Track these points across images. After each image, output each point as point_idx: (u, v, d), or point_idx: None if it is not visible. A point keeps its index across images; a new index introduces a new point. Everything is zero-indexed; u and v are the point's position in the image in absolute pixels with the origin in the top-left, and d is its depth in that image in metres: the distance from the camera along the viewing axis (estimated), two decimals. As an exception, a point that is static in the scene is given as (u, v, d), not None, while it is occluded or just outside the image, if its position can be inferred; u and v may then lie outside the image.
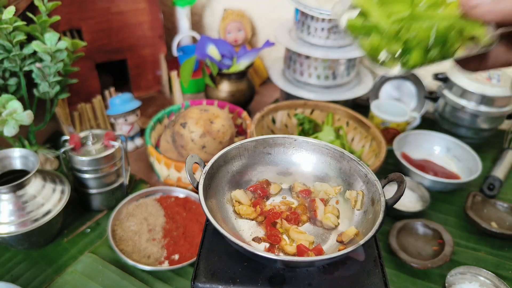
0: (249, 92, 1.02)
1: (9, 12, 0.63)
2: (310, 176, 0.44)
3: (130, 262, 0.62)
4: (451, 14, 0.28)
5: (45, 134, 0.92)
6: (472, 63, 0.29)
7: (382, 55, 0.29)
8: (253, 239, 0.37)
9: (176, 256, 0.65)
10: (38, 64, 0.70)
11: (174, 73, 1.02)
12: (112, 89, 0.95)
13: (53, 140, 0.90)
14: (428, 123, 1.03)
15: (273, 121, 0.89)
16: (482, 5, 0.26)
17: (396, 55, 0.29)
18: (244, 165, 0.43)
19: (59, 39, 0.70)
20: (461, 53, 0.28)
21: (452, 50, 0.28)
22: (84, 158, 0.67)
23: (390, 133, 0.92)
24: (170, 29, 1.25)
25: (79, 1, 0.87)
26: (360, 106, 1.07)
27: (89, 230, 0.72)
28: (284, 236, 0.38)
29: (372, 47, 0.29)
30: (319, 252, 0.36)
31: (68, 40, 0.71)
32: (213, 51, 0.99)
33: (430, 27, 0.27)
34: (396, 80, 1.05)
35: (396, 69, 0.29)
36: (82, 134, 0.71)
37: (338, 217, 0.40)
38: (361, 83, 0.99)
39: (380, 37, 0.29)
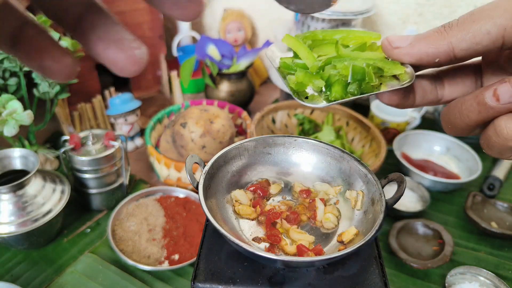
0: (249, 92, 1.02)
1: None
2: (310, 176, 0.44)
3: (130, 262, 0.62)
4: (374, 56, 0.31)
5: (45, 134, 0.92)
6: (394, 100, 0.32)
7: (309, 90, 0.31)
8: (253, 239, 0.37)
9: (176, 256, 0.65)
10: (38, 64, 0.70)
11: (174, 73, 1.02)
12: (112, 89, 0.95)
13: (53, 140, 0.90)
14: (428, 123, 1.03)
15: (273, 121, 0.89)
16: (400, 48, 0.29)
17: (321, 90, 0.31)
18: (244, 165, 0.43)
19: (59, 39, 0.70)
20: (383, 89, 0.31)
21: (371, 86, 0.30)
22: (84, 158, 0.67)
23: (390, 133, 0.93)
24: (170, 29, 1.25)
25: (79, 1, 0.87)
26: (360, 106, 1.07)
27: (89, 230, 0.72)
28: (284, 236, 0.38)
29: (298, 82, 0.31)
30: (319, 252, 0.36)
31: (68, 40, 0.71)
32: (213, 51, 0.99)
33: (350, 65, 0.30)
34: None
35: (322, 103, 0.31)
36: (82, 134, 0.71)
37: (338, 217, 0.40)
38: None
39: (305, 73, 0.31)
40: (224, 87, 0.99)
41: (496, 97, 0.25)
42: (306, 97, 0.31)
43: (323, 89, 0.31)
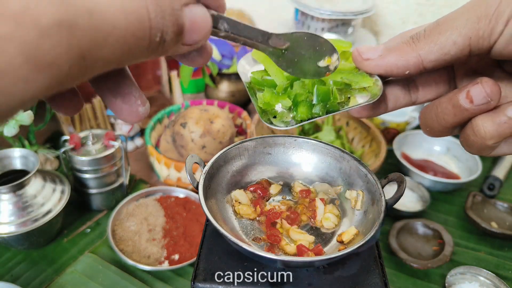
0: (249, 92, 1.02)
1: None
2: (310, 176, 0.44)
3: (130, 262, 0.62)
4: (343, 67, 0.31)
5: (45, 134, 0.92)
6: (364, 113, 0.33)
7: (277, 108, 0.31)
8: (253, 239, 0.37)
9: (176, 256, 0.65)
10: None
11: (174, 73, 1.02)
12: (112, 89, 0.95)
13: (53, 140, 0.90)
14: (428, 123, 1.02)
15: (273, 121, 0.89)
16: (370, 59, 0.29)
17: (290, 108, 0.31)
18: (244, 165, 0.43)
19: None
20: (352, 103, 0.30)
21: (337, 104, 0.30)
22: (84, 158, 0.67)
23: (390, 133, 0.92)
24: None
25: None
26: (360, 106, 1.07)
27: (89, 230, 0.72)
28: (284, 236, 0.38)
29: (265, 101, 0.31)
30: (319, 252, 0.36)
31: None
32: (213, 51, 0.99)
33: (314, 84, 0.30)
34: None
35: (289, 122, 0.30)
36: (82, 134, 0.71)
37: (338, 217, 0.40)
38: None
39: (271, 93, 0.31)
40: (224, 87, 0.99)
41: (469, 99, 0.26)
42: (275, 116, 0.31)
43: (292, 107, 0.31)
